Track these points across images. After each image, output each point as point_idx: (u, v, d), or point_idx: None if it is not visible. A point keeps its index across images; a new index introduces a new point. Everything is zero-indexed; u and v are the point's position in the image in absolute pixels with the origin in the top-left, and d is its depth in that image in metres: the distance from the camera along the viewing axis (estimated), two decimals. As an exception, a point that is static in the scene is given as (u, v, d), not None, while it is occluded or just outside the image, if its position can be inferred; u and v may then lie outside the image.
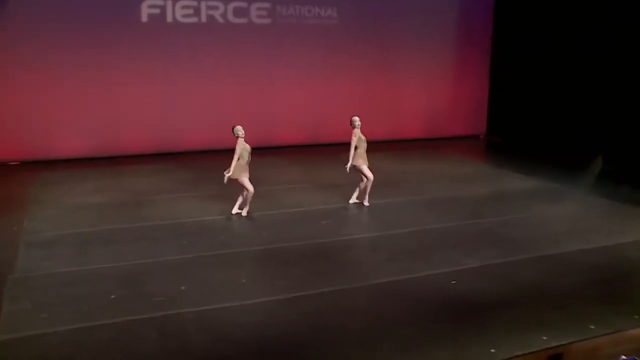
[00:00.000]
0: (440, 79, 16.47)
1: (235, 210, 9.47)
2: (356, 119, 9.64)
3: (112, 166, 13.15)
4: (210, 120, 14.47)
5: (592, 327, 5.90)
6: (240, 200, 9.53)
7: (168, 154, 14.36)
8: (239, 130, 9.02)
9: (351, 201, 9.96)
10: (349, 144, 9.68)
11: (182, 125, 14.40)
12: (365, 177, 9.82)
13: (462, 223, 9.11)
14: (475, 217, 9.40)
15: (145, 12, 13.73)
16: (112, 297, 6.59)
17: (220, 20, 14.29)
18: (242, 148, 9.05)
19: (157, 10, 13.79)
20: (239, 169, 9.14)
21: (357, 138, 9.47)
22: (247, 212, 9.34)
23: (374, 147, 9.68)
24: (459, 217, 9.42)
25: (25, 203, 10.17)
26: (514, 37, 16.34)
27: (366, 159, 9.76)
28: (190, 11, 14.00)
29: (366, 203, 9.86)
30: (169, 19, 13.93)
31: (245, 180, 9.25)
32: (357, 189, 10.04)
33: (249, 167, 9.29)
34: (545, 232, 8.73)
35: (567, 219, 9.36)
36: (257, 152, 13.52)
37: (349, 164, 9.50)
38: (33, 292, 6.79)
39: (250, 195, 9.44)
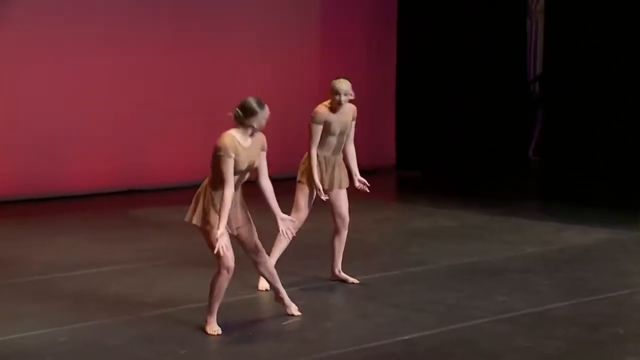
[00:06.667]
0: (307, 83, 15.21)
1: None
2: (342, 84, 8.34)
3: None
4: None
5: None
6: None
7: None
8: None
9: (341, 274, 8.81)
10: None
11: None
12: (339, 218, 8.70)
13: (584, 300, 8.29)
14: (584, 292, 8.59)
15: None
16: None
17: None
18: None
19: None
20: None
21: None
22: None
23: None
24: (557, 292, 8.67)
25: None
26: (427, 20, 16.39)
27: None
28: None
29: (350, 279, 8.80)
30: None
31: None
32: (334, 253, 8.80)
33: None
34: None
35: None
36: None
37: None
38: None
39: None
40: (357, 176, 8.54)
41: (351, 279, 8.71)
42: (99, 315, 7.79)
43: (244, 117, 6.68)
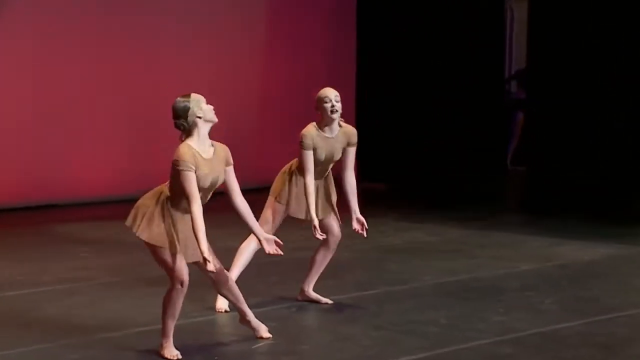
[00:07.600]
0: (247, 87, 15.13)
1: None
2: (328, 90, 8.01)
3: None
4: None
5: None
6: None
7: None
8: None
9: (312, 294, 8.67)
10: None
11: None
12: (331, 236, 8.55)
13: (595, 319, 8.23)
14: (594, 310, 8.54)
15: None
16: None
17: None
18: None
19: None
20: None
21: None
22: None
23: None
24: (563, 311, 8.60)
25: None
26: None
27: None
28: None
29: (323, 299, 8.67)
30: None
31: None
32: (312, 269, 8.62)
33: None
34: None
35: None
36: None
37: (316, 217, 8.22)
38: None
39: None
40: (357, 214, 8.16)
41: (324, 299, 8.48)
42: (35, 340, 7.55)
43: (184, 120, 6.44)
